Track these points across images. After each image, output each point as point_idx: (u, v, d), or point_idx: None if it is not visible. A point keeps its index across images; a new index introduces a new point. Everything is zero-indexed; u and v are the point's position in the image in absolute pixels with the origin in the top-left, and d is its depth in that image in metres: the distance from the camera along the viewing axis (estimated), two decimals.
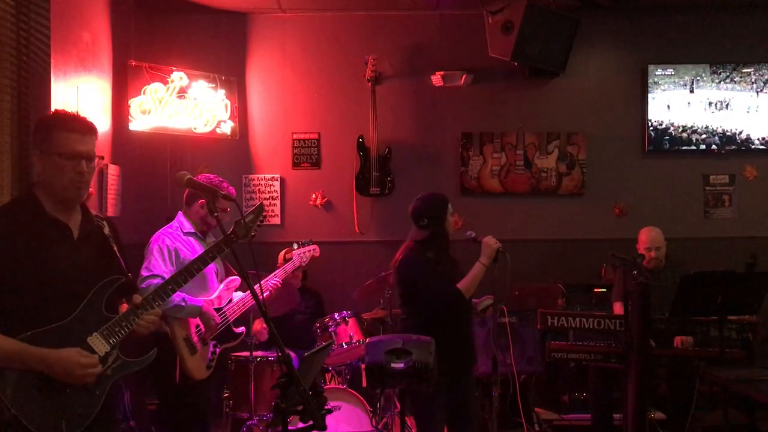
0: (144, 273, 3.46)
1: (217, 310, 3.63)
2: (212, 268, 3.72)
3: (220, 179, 3.68)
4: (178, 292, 3.41)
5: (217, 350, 3.64)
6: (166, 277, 3.47)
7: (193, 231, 3.68)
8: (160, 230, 3.66)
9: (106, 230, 2.43)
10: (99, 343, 2.20)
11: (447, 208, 3.69)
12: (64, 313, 2.16)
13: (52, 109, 3.78)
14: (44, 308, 2.15)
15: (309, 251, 4.42)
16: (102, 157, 2.41)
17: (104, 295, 2.26)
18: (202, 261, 2.54)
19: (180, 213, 3.76)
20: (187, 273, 2.49)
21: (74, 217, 2.32)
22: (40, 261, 2.18)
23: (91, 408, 2.19)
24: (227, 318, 3.68)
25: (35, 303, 2.14)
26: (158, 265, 3.45)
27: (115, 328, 2.24)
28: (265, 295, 3.92)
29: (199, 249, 3.64)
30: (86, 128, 2.31)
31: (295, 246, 4.46)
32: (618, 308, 4.86)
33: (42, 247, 2.19)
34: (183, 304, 3.43)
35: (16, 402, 2.04)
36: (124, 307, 2.40)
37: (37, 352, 2.08)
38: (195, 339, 3.53)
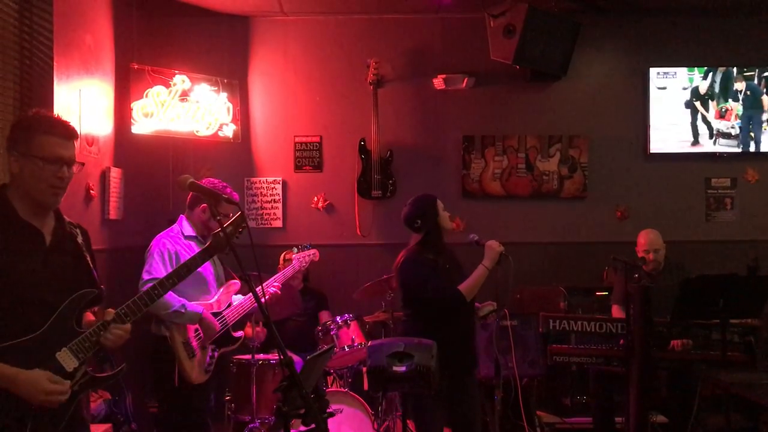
0: (145, 276, 3.46)
1: (216, 314, 3.63)
2: (211, 271, 3.72)
3: (224, 184, 3.69)
4: (178, 298, 3.43)
5: (216, 354, 3.64)
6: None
7: (194, 235, 3.69)
8: (160, 233, 3.67)
9: (80, 238, 2.34)
10: (68, 359, 2.13)
11: (436, 206, 3.71)
12: (33, 322, 2.09)
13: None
14: (12, 317, 2.08)
15: (308, 255, 4.43)
16: (83, 164, 2.33)
17: (76, 309, 2.19)
18: (185, 268, 2.50)
19: (182, 216, 3.76)
20: (168, 281, 2.43)
21: (47, 222, 2.24)
22: (10, 266, 2.09)
23: (57, 421, 2.13)
24: (226, 322, 3.68)
25: (3, 311, 2.07)
26: (159, 269, 3.46)
27: (84, 344, 2.16)
28: (264, 299, 3.91)
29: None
30: (69, 133, 2.24)
31: (295, 250, 4.47)
32: (616, 311, 4.86)
33: (12, 252, 2.11)
34: (182, 310, 3.44)
35: None
36: (89, 316, 2.35)
37: (6, 370, 2.02)
38: (194, 344, 3.53)
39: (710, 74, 5.97)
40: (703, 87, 5.97)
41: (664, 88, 5.98)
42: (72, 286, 2.21)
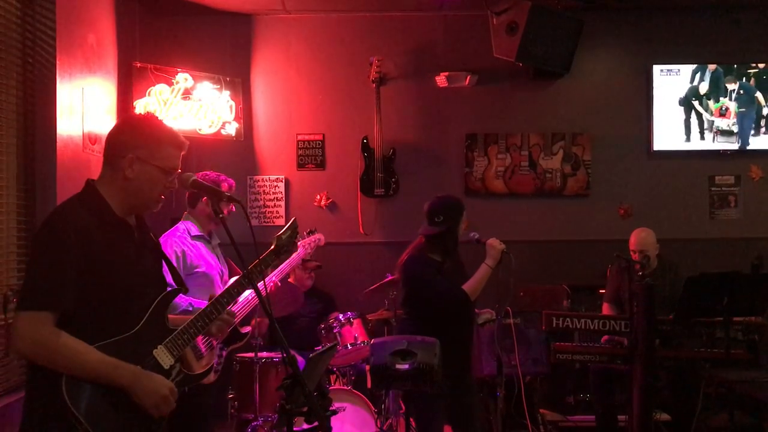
0: None
1: None
2: (217, 269, 3.71)
3: (217, 174, 3.68)
4: (185, 298, 3.42)
5: (224, 353, 3.64)
6: (173, 284, 3.46)
7: (200, 234, 3.67)
8: (166, 234, 3.63)
9: (153, 237, 2.40)
10: (164, 357, 2.16)
11: (462, 213, 3.71)
12: (129, 317, 2.11)
13: (143, 112, 3.67)
14: (114, 311, 2.09)
15: (313, 241, 4.38)
16: (180, 171, 2.34)
17: (167, 306, 2.22)
18: (259, 267, 2.51)
19: (184, 218, 3.73)
20: (240, 286, 2.46)
21: (131, 220, 2.27)
22: (112, 262, 2.11)
23: (156, 427, 2.15)
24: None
25: (106, 305, 2.08)
26: (169, 277, 3.44)
27: (178, 341, 2.20)
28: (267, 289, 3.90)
29: (207, 253, 3.64)
30: (185, 146, 2.29)
31: (299, 237, 4.41)
32: (606, 310, 4.86)
33: (112, 247, 2.13)
34: (190, 308, 3.42)
35: (89, 417, 1.96)
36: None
37: (128, 369, 2.03)
38: (201, 345, 3.52)
39: (707, 72, 5.95)
40: (703, 87, 5.96)
41: (668, 85, 5.96)
42: (160, 284, 2.26)
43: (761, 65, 5.96)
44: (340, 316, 4.70)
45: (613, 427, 4.69)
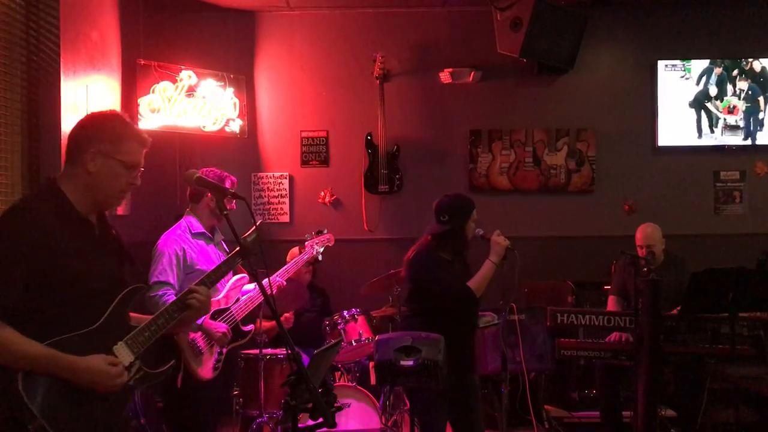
0: (153, 279, 3.44)
1: (224, 310, 3.62)
2: None
3: (221, 170, 3.68)
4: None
5: (224, 350, 3.63)
6: (174, 283, 3.47)
7: (201, 231, 3.67)
8: (167, 232, 3.61)
9: (116, 234, 2.38)
10: (124, 353, 2.14)
11: (471, 212, 3.65)
12: (88, 315, 2.09)
13: (109, 109, 3.70)
14: (73, 308, 2.08)
15: (323, 241, 4.35)
16: (143, 169, 2.34)
17: (129, 303, 2.21)
18: (217, 273, 2.50)
19: (187, 214, 3.73)
20: (211, 278, 2.46)
21: (92, 217, 2.26)
22: (71, 259, 2.09)
23: (113, 419, 2.15)
24: (234, 318, 3.67)
25: (64, 302, 2.07)
26: (166, 272, 3.44)
27: (138, 338, 2.18)
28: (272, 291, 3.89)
29: (208, 250, 3.65)
30: (147, 142, 2.30)
31: (307, 236, 4.39)
32: (612, 302, 4.85)
33: (72, 244, 2.10)
34: None
35: (45, 412, 1.95)
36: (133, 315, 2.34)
37: (64, 359, 2.00)
38: (200, 342, 3.52)
39: (719, 66, 5.93)
40: (712, 88, 5.94)
41: (673, 81, 5.94)
42: (121, 281, 2.24)
43: (766, 60, 5.93)
44: (345, 313, 4.70)
45: (618, 423, 4.69)
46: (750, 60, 5.94)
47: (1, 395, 1.98)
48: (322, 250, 4.33)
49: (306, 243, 4.29)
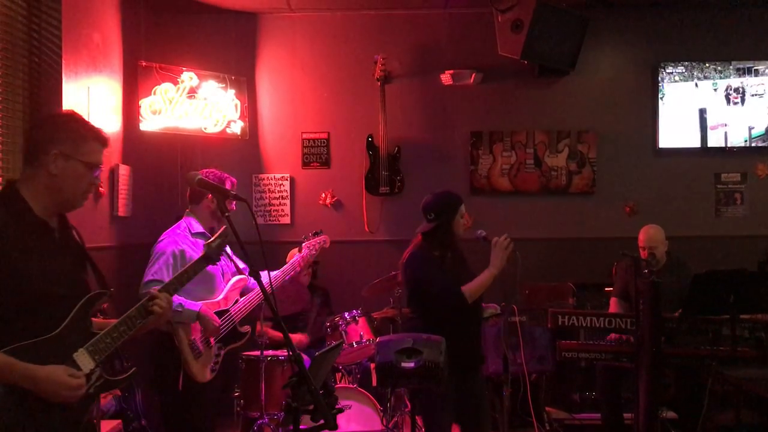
0: (147, 277, 3.44)
1: (224, 311, 3.62)
2: (219, 269, 3.71)
3: (221, 172, 3.68)
4: (176, 297, 3.41)
5: (222, 353, 3.63)
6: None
7: (201, 231, 3.67)
8: (166, 232, 3.62)
9: (77, 237, 2.32)
10: (85, 360, 2.09)
11: (457, 207, 3.67)
12: (47, 321, 2.05)
13: (65, 109, 3.72)
14: (30, 314, 2.05)
15: (318, 242, 4.36)
16: (102, 168, 2.31)
17: (91, 309, 2.16)
18: (181, 279, 2.47)
19: (186, 215, 3.73)
20: (175, 284, 2.43)
21: (53, 220, 2.22)
22: (28, 264, 2.05)
23: (72, 428, 2.10)
24: (233, 319, 3.67)
25: (21, 308, 2.03)
26: (161, 271, 3.44)
27: (99, 345, 2.12)
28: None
29: None
30: (107, 142, 2.29)
31: (303, 238, 4.41)
32: (614, 304, 4.85)
33: (29, 249, 2.07)
34: (180, 309, 3.39)
35: (2, 422, 1.92)
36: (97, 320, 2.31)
37: (23, 368, 1.96)
38: (199, 343, 3.52)
39: (721, 68, 5.93)
40: (714, 81, 5.94)
41: (674, 83, 5.94)
42: (82, 286, 2.20)
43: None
44: (346, 315, 4.70)
45: (620, 425, 4.68)
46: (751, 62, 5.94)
47: None
48: (317, 251, 4.33)
49: (303, 244, 4.30)
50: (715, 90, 5.94)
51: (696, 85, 5.94)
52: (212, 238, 2.56)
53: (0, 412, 1.94)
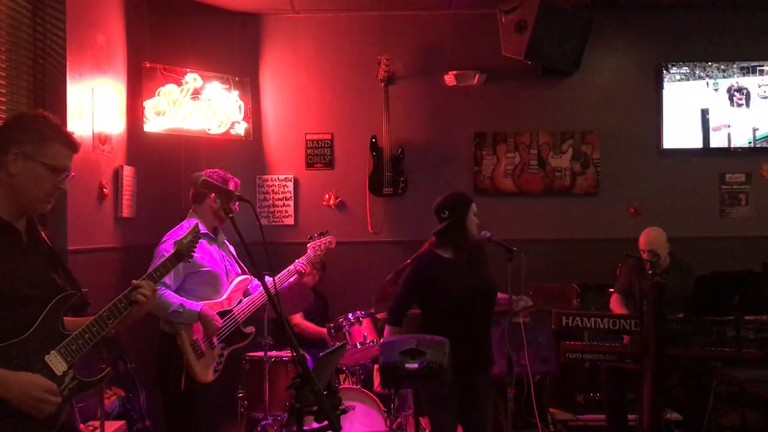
0: None
1: (227, 312, 3.62)
2: (221, 267, 3.71)
3: (224, 172, 3.68)
4: (177, 298, 3.40)
5: (225, 353, 3.63)
6: (170, 284, 3.46)
7: (205, 232, 3.67)
8: (170, 232, 3.60)
9: (46, 239, 2.25)
10: (57, 362, 2.04)
11: (469, 206, 3.69)
12: (17, 324, 2.01)
13: (36, 110, 3.64)
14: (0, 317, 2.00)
15: (324, 243, 4.35)
16: (73, 174, 2.28)
17: (61, 310, 2.11)
18: (159, 271, 2.43)
19: (189, 216, 3.73)
20: (156, 275, 2.39)
21: (21, 222, 2.16)
22: None
23: (49, 428, 2.04)
24: (236, 319, 3.67)
25: None
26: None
27: (72, 346, 2.07)
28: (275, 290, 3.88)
29: (210, 250, 3.64)
30: (76, 147, 2.20)
31: (310, 238, 4.40)
32: (615, 300, 4.84)
33: None
34: (181, 310, 3.38)
35: None
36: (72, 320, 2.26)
37: None
38: (202, 344, 3.52)
39: (725, 69, 5.92)
40: (718, 82, 5.93)
41: (678, 84, 5.93)
42: (52, 287, 2.15)
43: None
44: (350, 315, 4.70)
45: (624, 426, 4.68)
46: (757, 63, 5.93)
47: None
48: (322, 252, 4.35)
49: (307, 245, 4.31)
50: (716, 90, 5.92)
51: (706, 84, 5.92)
52: (184, 235, 2.55)
53: None
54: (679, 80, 5.94)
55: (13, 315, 2.02)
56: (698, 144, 5.96)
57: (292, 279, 4.09)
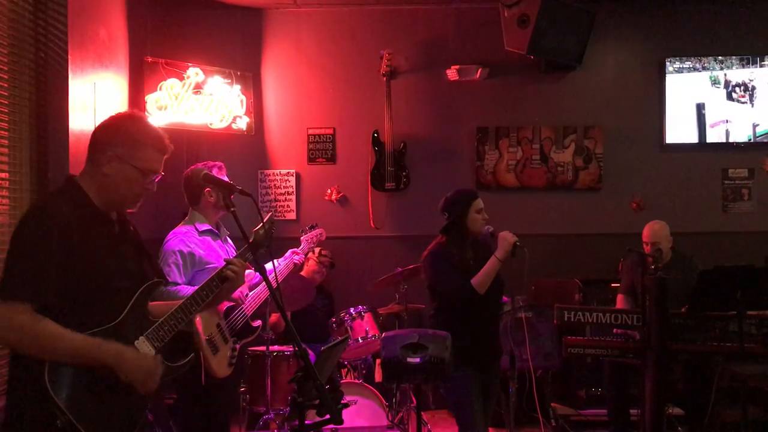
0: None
1: (236, 306, 3.63)
2: None
3: (204, 162, 3.70)
4: (190, 288, 3.41)
5: (237, 346, 3.64)
6: (181, 283, 3.46)
7: (208, 228, 3.66)
8: (173, 231, 3.59)
9: (134, 231, 2.39)
10: (146, 348, 2.16)
11: (469, 202, 3.70)
12: (109, 311, 2.12)
13: (131, 110, 3.69)
14: (96, 303, 2.10)
15: (315, 235, 4.45)
16: (163, 174, 2.34)
17: (149, 297, 2.23)
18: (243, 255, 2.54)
19: (191, 212, 3.72)
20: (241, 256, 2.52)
21: (112, 214, 2.28)
22: (93, 254, 2.11)
23: (138, 413, 2.17)
24: (245, 313, 3.68)
25: (86, 299, 2.08)
26: (173, 273, 3.44)
27: (159, 332, 2.20)
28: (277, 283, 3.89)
29: (215, 246, 3.64)
30: (169, 150, 2.32)
31: (302, 232, 4.47)
32: (620, 301, 4.83)
33: (93, 240, 2.13)
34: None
35: (72, 406, 1.96)
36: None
37: (112, 346, 2.04)
38: (216, 339, 3.52)
39: (727, 63, 5.90)
40: (720, 76, 5.91)
41: (681, 78, 5.92)
42: (141, 276, 2.26)
43: None
44: (351, 310, 4.71)
45: (626, 421, 4.68)
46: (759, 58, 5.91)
47: (29, 393, 1.99)
48: (314, 244, 4.47)
49: (301, 238, 4.36)
50: (718, 85, 5.91)
51: (708, 79, 5.90)
52: (259, 225, 2.65)
53: (71, 397, 1.98)
54: (683, 74, 5.92)
55: (107, 302, 2.13)
56: (702, 138, 5.94)
57: (288, 271, 4.13)
